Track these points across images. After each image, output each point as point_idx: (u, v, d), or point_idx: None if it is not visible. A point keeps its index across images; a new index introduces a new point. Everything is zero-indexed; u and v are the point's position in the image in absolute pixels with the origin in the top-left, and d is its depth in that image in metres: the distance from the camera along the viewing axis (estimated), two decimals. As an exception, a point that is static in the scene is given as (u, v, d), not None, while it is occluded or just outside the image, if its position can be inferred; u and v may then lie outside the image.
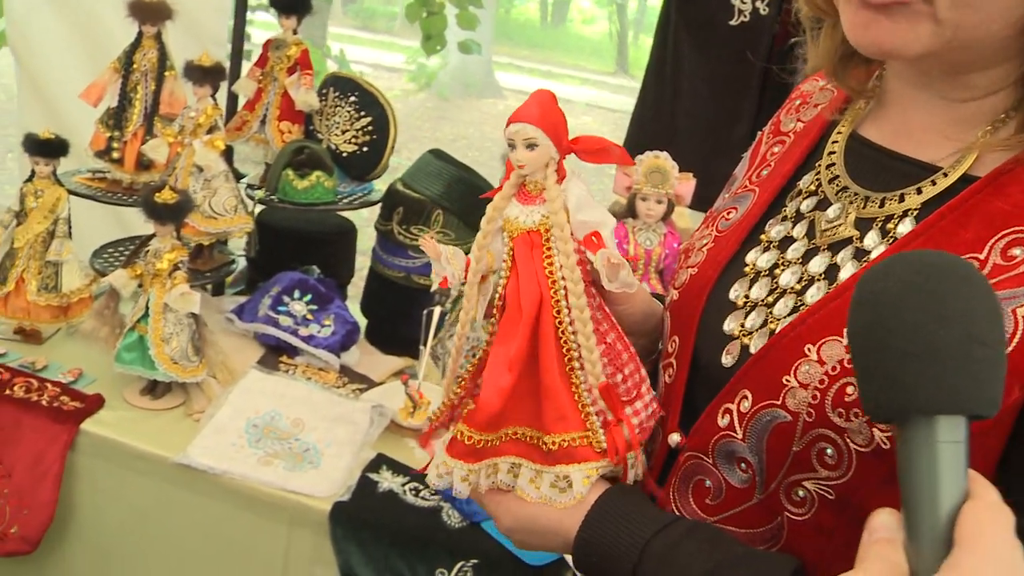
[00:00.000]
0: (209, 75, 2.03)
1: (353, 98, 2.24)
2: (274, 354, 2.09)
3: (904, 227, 0.78)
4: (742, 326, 0.84)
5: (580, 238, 0.81)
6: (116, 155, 2.14)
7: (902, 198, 0.79)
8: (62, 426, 1.79)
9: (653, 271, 1.78)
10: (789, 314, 0.81)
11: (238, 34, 2.45)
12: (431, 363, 1.95)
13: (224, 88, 2.18)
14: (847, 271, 0.79)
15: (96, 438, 1.79)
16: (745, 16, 2.50)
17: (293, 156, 2.18)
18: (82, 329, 1.94)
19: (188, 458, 1.72)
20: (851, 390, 0.73)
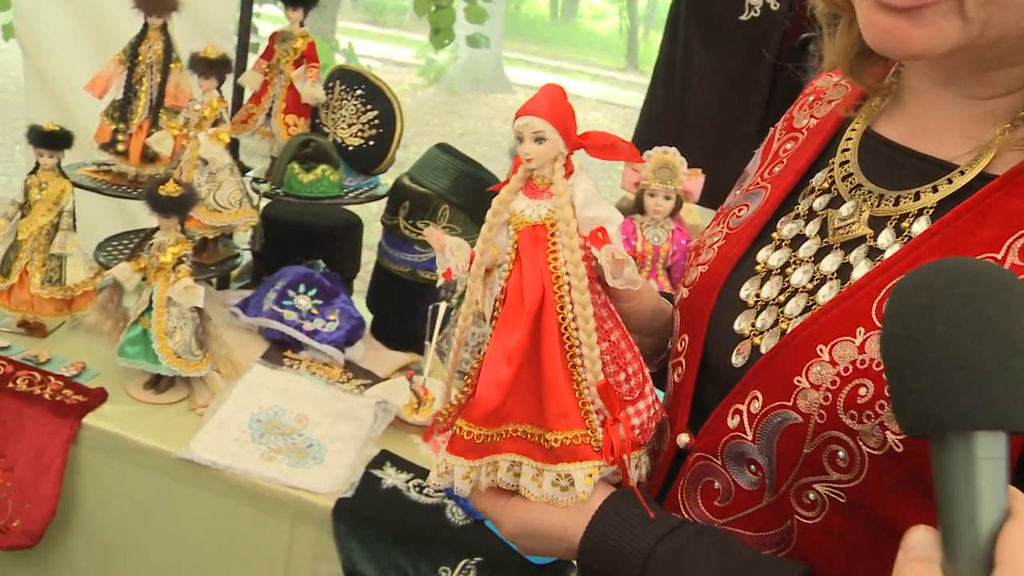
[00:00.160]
0: (215, 67, 2.02)
1: (360, 91, 2.23)
2: (278, 349, 2.07)
3: (919, 226, 0.76)
4: (753, 325, 0.83)
5: (586, 234, 0.80)
6: (121, 147, 2.14)
7: (917, 196, 0.78)
8: (65, 420, 1.78)
9: (661, 268, 1.77)
10: (801, 313, 0.80)
11: (244, 26, 2.44)
12: (436, 359, 1.94)
13: (230, 81, 2.17)
14: (860, 270, 0.78)
15: (99, 432, 1.79)
16: (756, 11, 2.49)
17: (299, 149, 2.17)
18: (86, 322, 1.94)
19: (191, 453, 1.72)
20: (863, 391, 0.71)
